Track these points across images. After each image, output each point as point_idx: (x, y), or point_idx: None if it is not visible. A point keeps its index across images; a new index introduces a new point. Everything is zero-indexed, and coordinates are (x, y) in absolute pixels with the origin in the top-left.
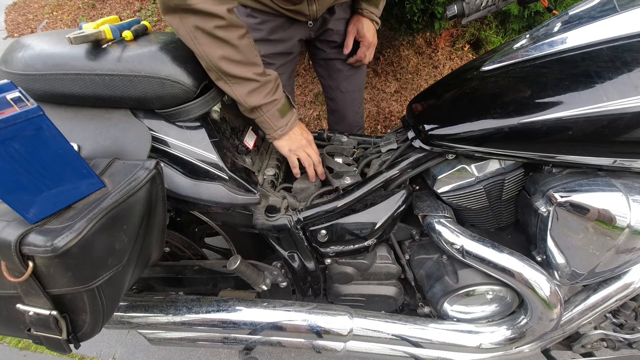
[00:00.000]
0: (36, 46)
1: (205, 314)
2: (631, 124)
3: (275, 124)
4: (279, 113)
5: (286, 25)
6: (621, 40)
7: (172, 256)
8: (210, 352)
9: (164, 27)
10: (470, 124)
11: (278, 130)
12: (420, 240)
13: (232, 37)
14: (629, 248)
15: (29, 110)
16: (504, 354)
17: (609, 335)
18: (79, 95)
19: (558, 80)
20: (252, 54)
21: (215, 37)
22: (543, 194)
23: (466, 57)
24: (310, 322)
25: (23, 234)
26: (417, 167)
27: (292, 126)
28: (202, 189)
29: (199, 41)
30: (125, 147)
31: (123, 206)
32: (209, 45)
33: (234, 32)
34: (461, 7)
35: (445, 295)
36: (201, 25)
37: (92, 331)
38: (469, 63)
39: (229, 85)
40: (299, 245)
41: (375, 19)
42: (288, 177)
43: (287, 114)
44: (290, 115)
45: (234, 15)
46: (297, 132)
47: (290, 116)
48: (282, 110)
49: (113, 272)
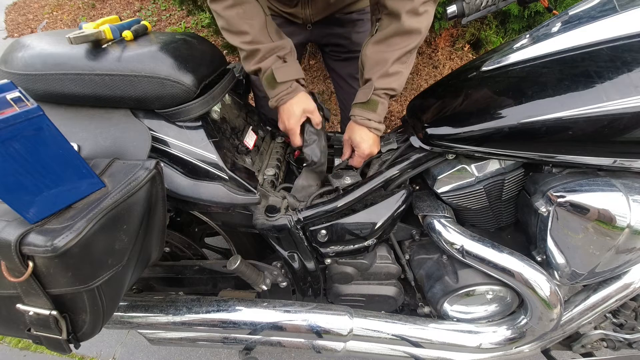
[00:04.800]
0: (36, 46)
1: (205, 314)
2: (631, 124)
3: (268, 94)
4: (267, 83)
5: (284, 25)
6: (621, 40)
7: (172, 256)
8: (210, 352)
9: (164, 27)
10: (470, 124)
11: (270, 100)
12: (420, 240)
13: (218, 8)
14: (629, 248)
15: (29, 110)
16: (504, 354)
17: (609, 335)
18: (79, 95)
19: (558, 80)
20: (241, 23)
21: (213, 11)
22: (543, 194)
23: (466, 57)
24: (310, 322)
25: (23, 234)
26: (417, 167)
27: (280, 102)
28: (202, 189)
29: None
30: (125, 147)
31: (123, 206)
32: (216, 19)
33: (220, 4)
34: (461, 7)
35: (445, 295)
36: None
37: (92, 331)
38: (469, 63)
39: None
40: (299, 245)
41: (373, 125)
42: (288, 177)
43: (276, 87)
44: (279, 89)
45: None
46: (284, 114)
47: (279, 90)
48: (269, 81)
49: (113, 272)
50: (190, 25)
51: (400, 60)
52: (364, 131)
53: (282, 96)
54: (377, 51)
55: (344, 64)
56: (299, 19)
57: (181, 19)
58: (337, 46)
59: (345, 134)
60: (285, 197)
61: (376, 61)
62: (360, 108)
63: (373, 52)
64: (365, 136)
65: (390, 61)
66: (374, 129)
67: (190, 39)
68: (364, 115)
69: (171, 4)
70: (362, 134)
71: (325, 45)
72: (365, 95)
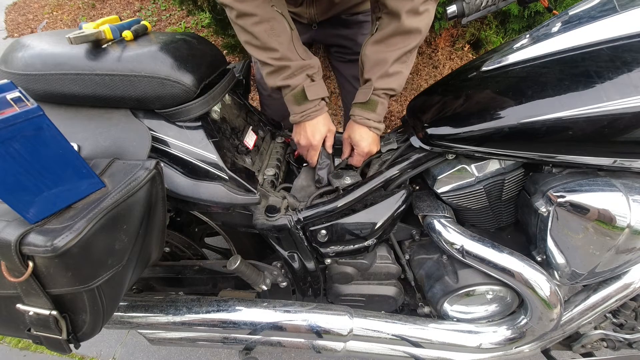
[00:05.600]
0: (36, 46)
1: (205, 314)
2: (631, 124)
3: (291, 109)
4: (294, 99)
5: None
6: (621, 40)
7: (172, 256)
8: (210, 352)
9: (164, 27)
10: (470, 124)
11: (292, 115)
12: (420, 240)
13: (246, 24)
14: (629, 248)
15: (29, 110)
16: (504, 354)
17: (609, 335)
18: (79, 95)
19: (558, 80)
20: (270, 40)
21: (237, 25)
22: (543, 194)
23: (466, 57)
24: (310, 322)
25: (23, 234)
26: (417, 167)
27: (306, 118)
28: (202, 189)
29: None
30: (125, 147)
31: (123, 206)
32: (237, 32)
33: (247, 19)
34: (461, 7)
35: (445, 295)
36: (229, 15)
37: (92, 331)
38: (469, 63)
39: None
40: (299, 245)
41: (373, 125)
42: (288, 177)
43: (303, 103)
44: (306, 106)
45: (246, 4)
46: (309, 130)
47: (306, 107)
48: (297, 97)
49: (113, 272)
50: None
51: (400, 60)
52: (364, 130)
53: (309, 113)
54: (377, 51)
55: (348, 66)
56: (303, 19)
57: (181, 19)
58: (342, 47)
59: (344, 133)
60: (285, 197)
61: (376, 61)
62: (359, 108)
63: (373, 52)
64: (365, 134)
65: (390, 61)
66: (374, 128)
67: (190, 39)
68: (363, 115)
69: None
70: (361, 132)
71: (331, 45)
72: (364, 95)
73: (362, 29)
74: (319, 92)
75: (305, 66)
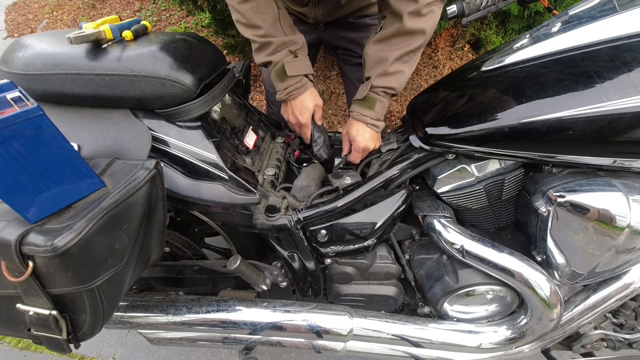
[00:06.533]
0: (36, 46)
1: (205, 314)
2: (631, 124)
3: (276, 85)
4: (276, 76)
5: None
6: (621, 40)
7: (172, 256)
8: (210, 352)
9: (164, 27)
10: (470, 123)
11: (278, 93)
12: (420, 240)
13: (233, 2)
14: (629, 248)
15: (29, 110)
16: (504, 354)
17: (609, 335)
18: (79, 95)
19: (558, 80)
20: (254, 17)
21: (229, 5)
22: (543, 194)
23: (466, 57)
24: (310, 322)
25: (23, 233)
26: (417, 167)
27: (290, 96)
28: (202, 188)
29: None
30: (125, 147)
31: (123, 206)
32: (231, 12)
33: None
34: (461, 7)
35: (445, 295)
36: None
37: (92, 331)
38: (469, 63)
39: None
40: (299, 245)
41: (370, 122)
42: (288, 177)
43: (285, 80)
44: (288, 82)
45: None
46: (296, 108)
47: (288, 84)
48: (279, 74)
49: (113, 272)
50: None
51: (401, 59)
52: (361, 125)
53: (291, 90)
54: (378, 50)
55: (354, 69)
56: (309, 19)
57: (181, 19)
58: (348, 50)
59: (343, 129)
60: (285, 197)
61: (376, 60)
62: (358, 104)
63: (374, 50)
64: (362, 130)
65: (390, 60)
66: (371, 124)
67: (190, 39)
68: (361, 112)
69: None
70: (358, 128)
71: (337, 47)
72: (362, 92)
73: (369, 32)
74: (300, 69)
75: (287, 42)
